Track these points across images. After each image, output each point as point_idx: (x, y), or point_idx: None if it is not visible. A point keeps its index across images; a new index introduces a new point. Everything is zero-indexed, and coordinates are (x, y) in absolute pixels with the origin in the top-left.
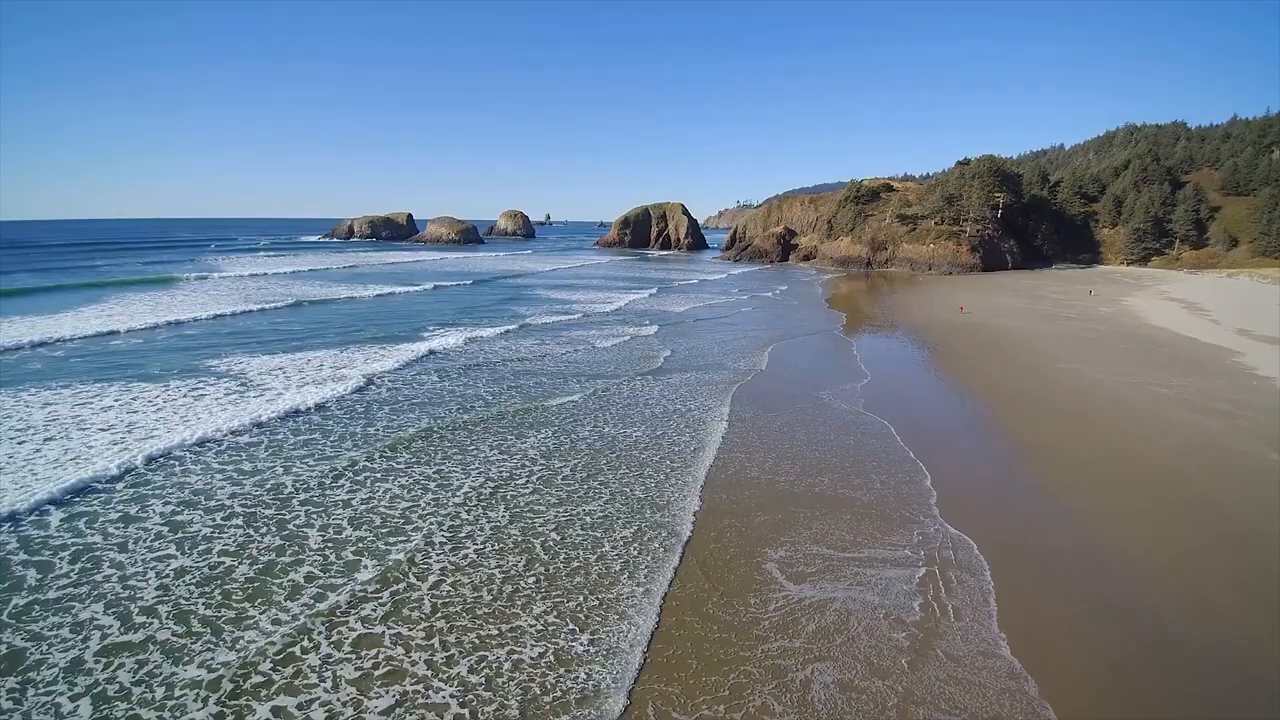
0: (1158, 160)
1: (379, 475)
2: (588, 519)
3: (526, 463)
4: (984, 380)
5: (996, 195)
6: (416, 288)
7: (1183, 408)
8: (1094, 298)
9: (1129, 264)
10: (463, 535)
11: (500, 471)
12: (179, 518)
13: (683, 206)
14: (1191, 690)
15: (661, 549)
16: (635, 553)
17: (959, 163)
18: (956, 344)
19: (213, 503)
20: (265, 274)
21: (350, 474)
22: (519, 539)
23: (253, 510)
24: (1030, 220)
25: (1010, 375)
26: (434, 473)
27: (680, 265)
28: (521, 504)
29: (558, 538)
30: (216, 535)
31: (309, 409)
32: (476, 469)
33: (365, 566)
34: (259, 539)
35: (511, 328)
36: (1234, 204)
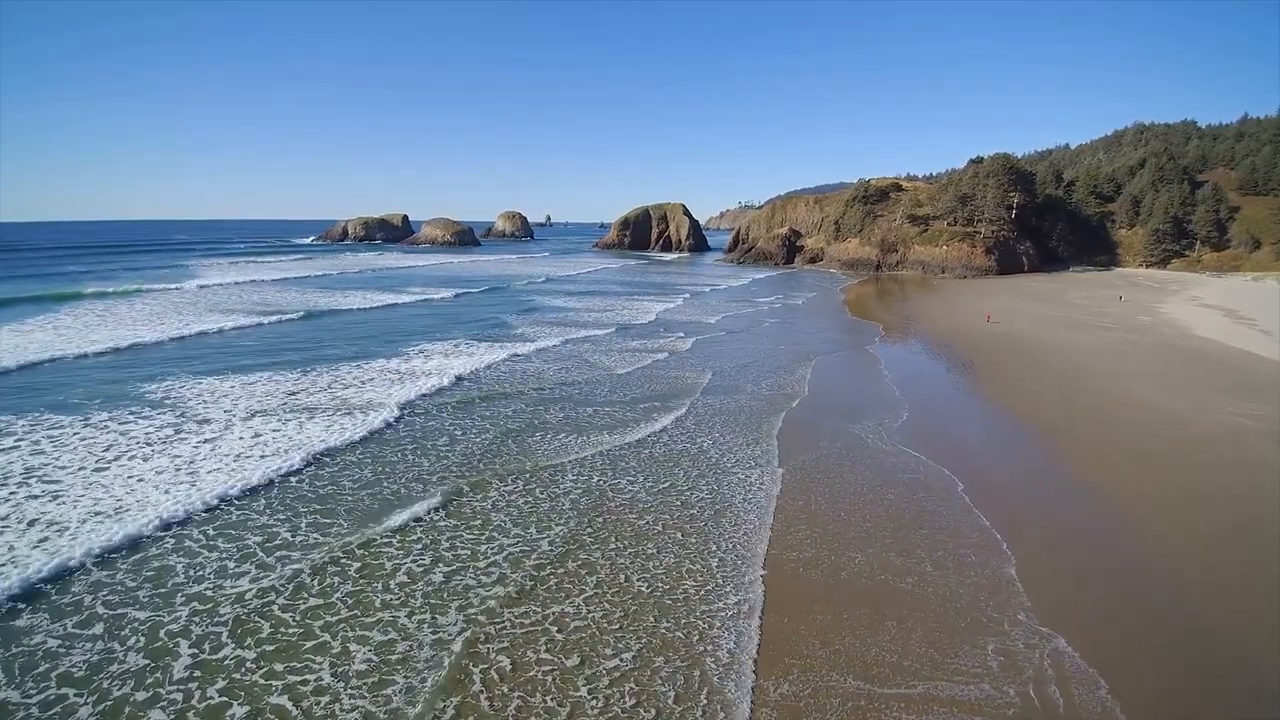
0: (1172, 159)
1: (293, 554)
2: (557, 631)
3: (500, 534)
4: (1039, 408)
5: (1011, 195)
6: (409, 297)
7: None
8: (1125, 304)
9: (1148, 266)
10: (379, 662)
11: (458, 555)
12: (16, 623)
13: (684, 207)
14: None
15: (672, 696)
16: (630, 699)
17: (972, 161)
18: (994, 360)
19: (67, 598)
20: (239, 282)
21: (259, 552)
22: (458, 661)
23: (120, 613)
24: (1045, 221)
25: (1067, 402)
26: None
27: (690, 270)
28: (475, 600)
29: (510, 662)
30: (64, 652)
31: (238, 459)
32: (424, 550)
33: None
34: (119, 657)
35: (521, 350)
36: (1253, 204)
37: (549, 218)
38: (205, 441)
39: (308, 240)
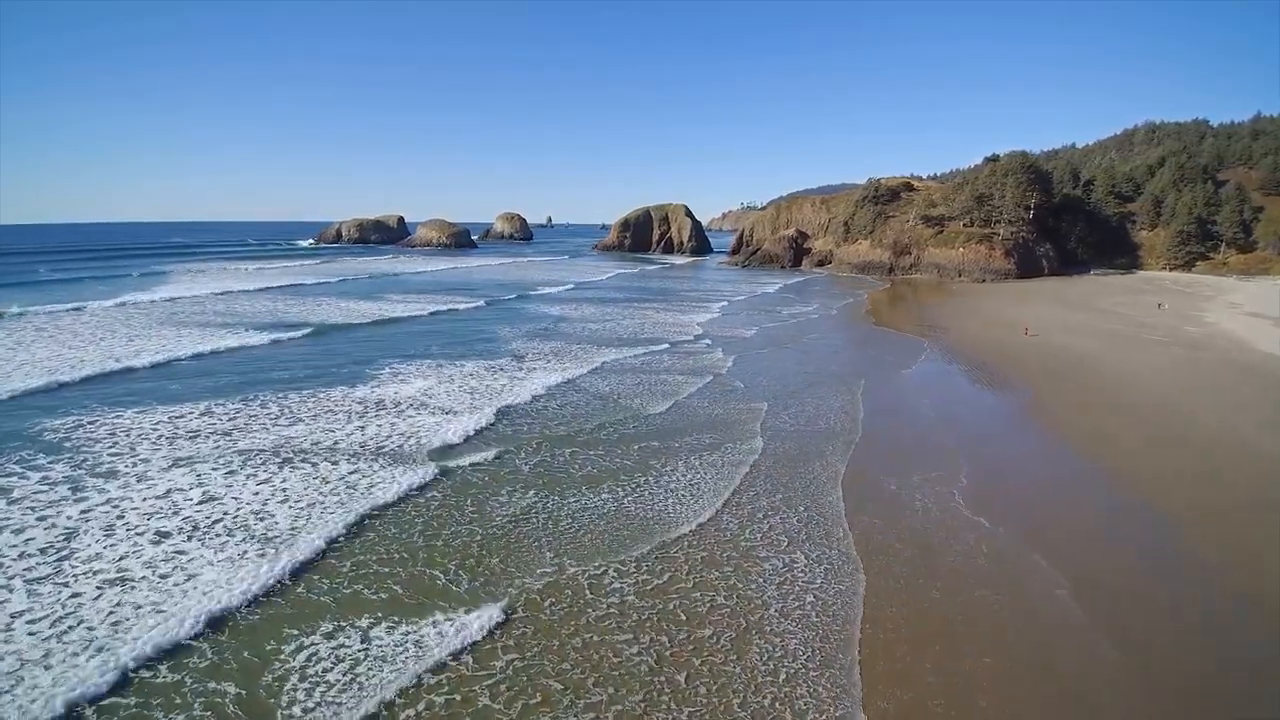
0: (1191, 158)
1: None
2: None
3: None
4: (1137, 462)
5: (1030, 194)
6: (407, 310)
7: None
8: (1165, 312)
9: (1172, 269)
10: None
11: None
12: None
13: (686, 208)
14: None
15: None
16: None
17: (988, 159)
18: (1050, 386)
19: None
20: (204, 295)
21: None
22: None
23: None
24: (1062, 222)
25: (1164, 450)
26: None
27: (703, 276)
28: None
29: None
30: None
31: (135, 537)
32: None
33: None
34: None
35: (548, 381)
36: (1277, 204)
37: (550, 219)
38: (107, 502)
39: (305, 243)
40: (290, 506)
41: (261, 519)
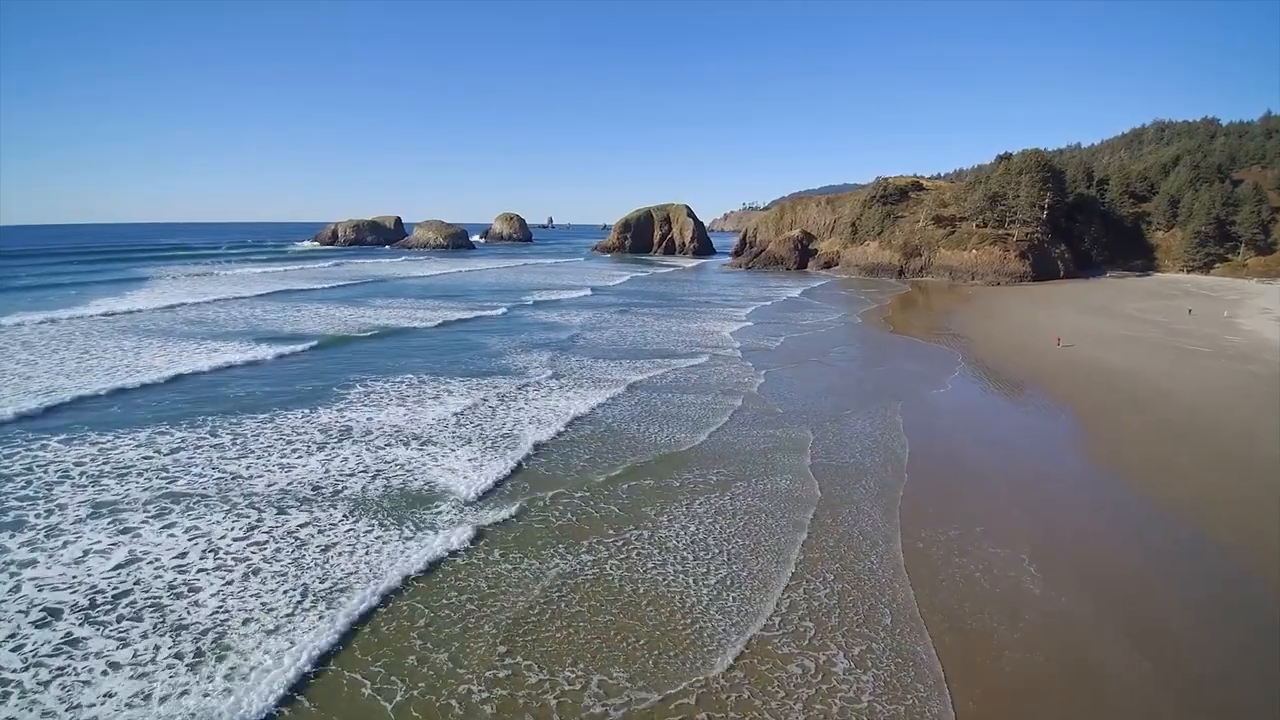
0: (1205, 156)
1: None
2: None
3: None
4: (1226, 523)
5: (1045, 194)
6: (401, 320)
7: None
8: (1196, 317)
9: (1190, 271)
10: None
11: None
12: None
13: (687, 208)
14: None
15: None
16: None
17: (1000, 157)
18: (1100, 406)
19: None
20: (189, 302)
21: None
22: None
23: None
24: (1076, 222)
25: (1256, 502)
26: None
27: (712, 280)
28: None
29: None
30: None
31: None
32: None
33: None
34: None
35: (564, 411)
36: None
37: (550, 219)
38: (4, 567)
39: (304, 244)
40: (222, 575)
41: (178, 596)
